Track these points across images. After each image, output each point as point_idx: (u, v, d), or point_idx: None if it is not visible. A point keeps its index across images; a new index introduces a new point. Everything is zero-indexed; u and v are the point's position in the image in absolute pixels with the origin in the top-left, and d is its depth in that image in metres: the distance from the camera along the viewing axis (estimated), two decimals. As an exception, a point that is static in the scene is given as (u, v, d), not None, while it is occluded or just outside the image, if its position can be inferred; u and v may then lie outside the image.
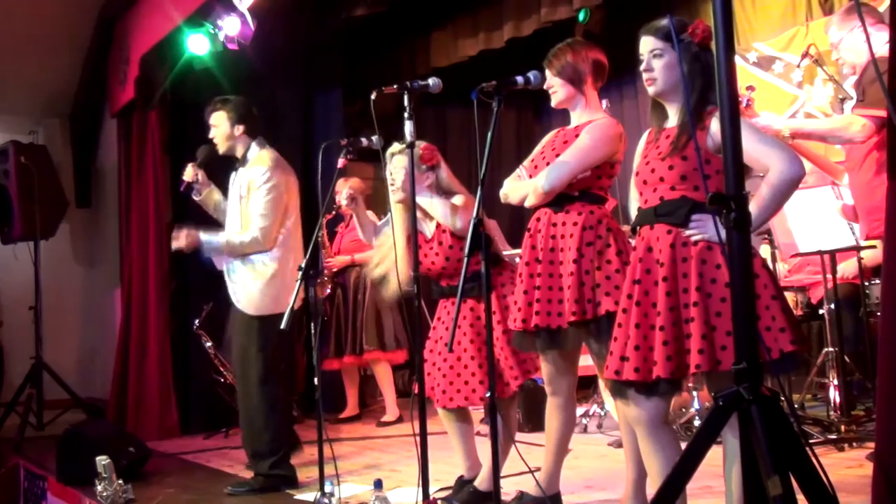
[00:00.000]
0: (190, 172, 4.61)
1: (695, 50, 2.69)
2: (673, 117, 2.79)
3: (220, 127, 4.50)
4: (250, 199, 4.37)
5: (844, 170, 4.39)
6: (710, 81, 2.66)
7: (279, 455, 4.33)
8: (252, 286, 4.33)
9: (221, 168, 4.80)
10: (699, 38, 2.69)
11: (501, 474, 3.23)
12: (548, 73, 3.33)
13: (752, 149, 2.47)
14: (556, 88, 3.32)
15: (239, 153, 4.52)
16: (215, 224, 5.02)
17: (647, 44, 2.77)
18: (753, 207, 2.57)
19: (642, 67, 2.77)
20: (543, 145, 3.48)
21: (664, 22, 2.75)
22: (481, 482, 3.68)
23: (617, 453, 4.44)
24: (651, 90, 2.79)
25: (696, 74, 2.69)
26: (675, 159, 2.65)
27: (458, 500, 3.67)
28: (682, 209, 2.63)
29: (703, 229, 2.58)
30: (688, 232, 2.61)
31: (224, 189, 4.72)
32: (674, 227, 2.64)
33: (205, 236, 4.42)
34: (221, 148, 4.54)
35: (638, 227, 2.76)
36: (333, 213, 6.32)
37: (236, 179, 4.52)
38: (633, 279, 2.69)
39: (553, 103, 3.38)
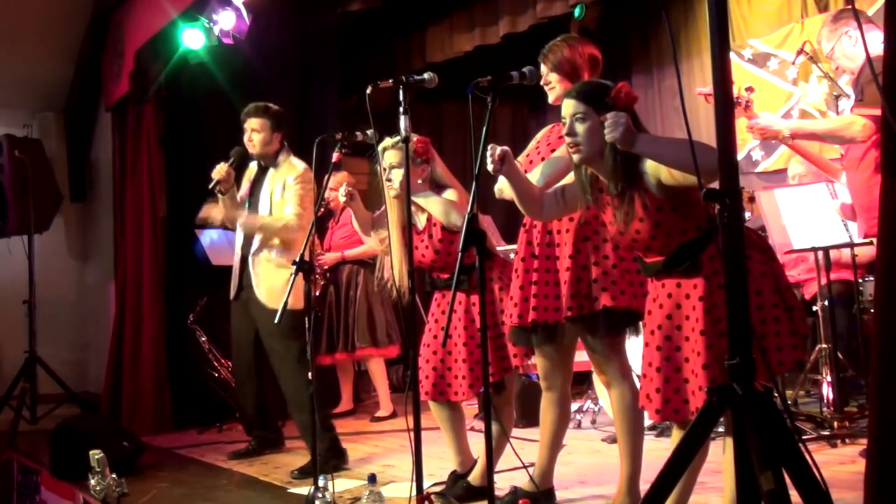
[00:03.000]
0: (223, 170, 4.74)
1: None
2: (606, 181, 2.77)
3: (263, 133, 4.78)
4: (284, 196, 4.70)
5: (841, 168, 4.39)
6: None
7: (334, 432, 4.63)
8: (274, 280, 4.66)
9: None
10: (622, 103, 2.63)
11: (495, 469, 3.24)
12: (543, 68, 3.33)
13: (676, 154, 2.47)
14: (554, 84, 3.32)
15: (268, 158, 4.82)
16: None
17: (568, 107, 2.73)
18: (658, 139, 2.64)
19: (564, 132, 2.74)
20: (538, 140, 3.48)
21: (588, 84, 2.79)
22: (475, 477, 3.69)
23: (610, 449, 4.45)
24: (576, 158, 2.75)
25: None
26: (650, 227, 2.65)
27: (451, 494, 3.67)
28: (686, 256, 2.65)
29: (616, 126, 2.53)
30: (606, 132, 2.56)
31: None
32: (684, 276, 2.67)
33: (245, 214, 4.77)
34: (256, 150, 4.81)
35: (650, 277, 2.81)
36: (323, 209, 6.32)
37: (267, 180, 4.79)
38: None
39: (550, 99, 3.37)
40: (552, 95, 3.35)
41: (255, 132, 4.77)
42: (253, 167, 4.95)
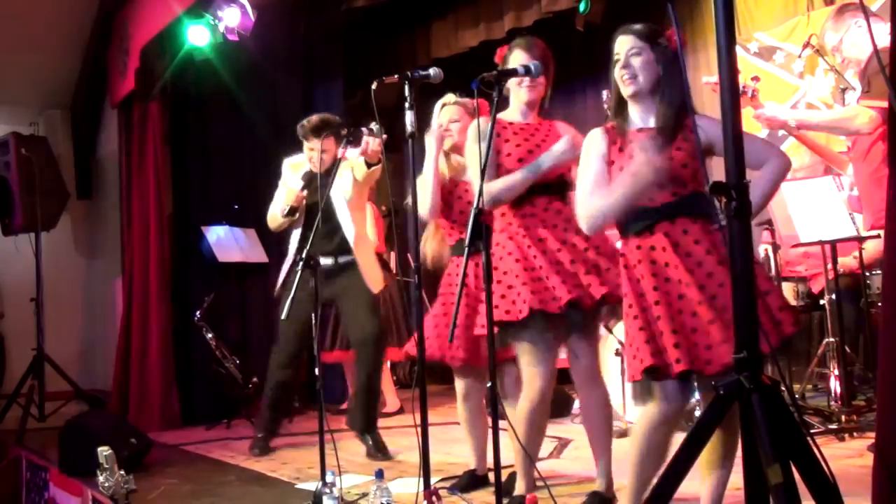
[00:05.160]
0: (300, 198, 4.86)
1: (670, 54, 2.73)
2: (642, 119, 2.79)
3: (332, 151, 4.81)
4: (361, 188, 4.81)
5: (848, 160, 4.38)
6: (686, 87, 2.69)
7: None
8: (373, 266, 4.88)
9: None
10: (673, 46, 2.72)
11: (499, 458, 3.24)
12: (520, 54, 3.31)
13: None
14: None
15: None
16: (216, 215, 5.03)
17: (624, 43, 2.77)
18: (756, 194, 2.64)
19: (620, 65, 2.76)
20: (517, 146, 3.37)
21: (641, 25, 2.79)
22: (479, 467, 3.80)
23: (619, 444, 4.44)
24: (630, 89, 2.76)
25: (674, 77, 2.73)
26: (686, 157, 2.67)
27: (456, 486, 3.68)
28: (702, 203, 2.65)
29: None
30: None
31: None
32: (699, 218, 2.67)
33: None
34: (326, 168, 4.76)
35: (643, 229, 2.72)
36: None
37: (336, 179, 4.67)
38: (662, 278, 2.65)
39: (529, 97, 3.34)
40: (533, 94, 3.35)
41: (324, 152, 4.76)
42: (302, 163, 4.95)
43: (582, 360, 3.28)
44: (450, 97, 3.81)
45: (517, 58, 3.30)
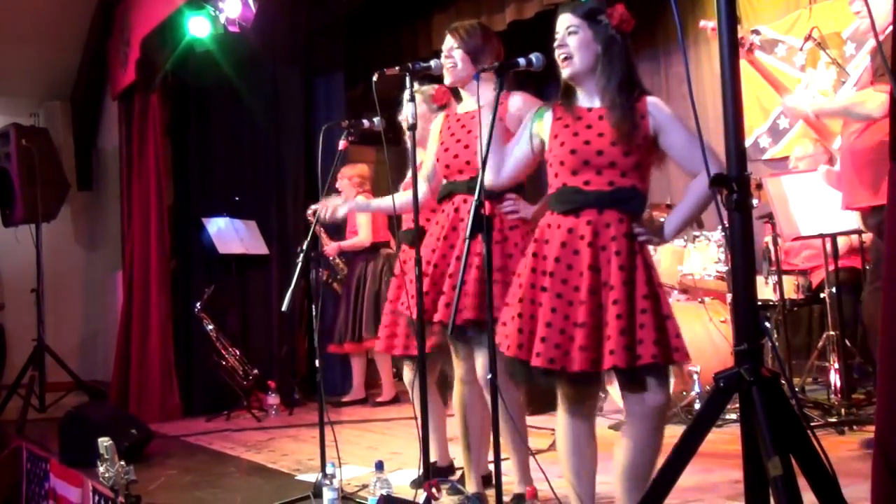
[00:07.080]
0: None
1: (611, 32, 2.67)
2: (588, 101, 2.73)
3: None
4: None
5: (837, 133, 4.34)
6: (630, 67, 2.68)
7: None
8: None
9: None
10: (615, 22, 2.67)
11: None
12: (452, 41, 3.29)
13: (686, 147, 2.44)
14: (457, 61, 3.25)
15: None
16: (216, 206, 4.97)
17: (563, 21, 2.72)
18: (672, 216, 2.69)
19: (556, 43, 2.72)
20: (451, 136, 3.37)
21: (583, 3, 2.73)
22: (440, 457, 3.86)
23: (617, 436, 4.44)
24: (566, 72, 2.71)
25: (613, 56, 2.66)
26: (630, 146, 2.61)
27: (416, 481, 3.65)
28: (637, 200, 2.63)
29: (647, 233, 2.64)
30: (637, 230, 2.62)
31: None
32: (627, 215, 2.62)
33: None
34: None
35: (569, 210, 2.66)
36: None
37: None
38: (587, 265, 2.60)
39: (449, 79, 3.30)
40: (451, 75, 3.28)
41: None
42: None
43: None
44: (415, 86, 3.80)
45: None
